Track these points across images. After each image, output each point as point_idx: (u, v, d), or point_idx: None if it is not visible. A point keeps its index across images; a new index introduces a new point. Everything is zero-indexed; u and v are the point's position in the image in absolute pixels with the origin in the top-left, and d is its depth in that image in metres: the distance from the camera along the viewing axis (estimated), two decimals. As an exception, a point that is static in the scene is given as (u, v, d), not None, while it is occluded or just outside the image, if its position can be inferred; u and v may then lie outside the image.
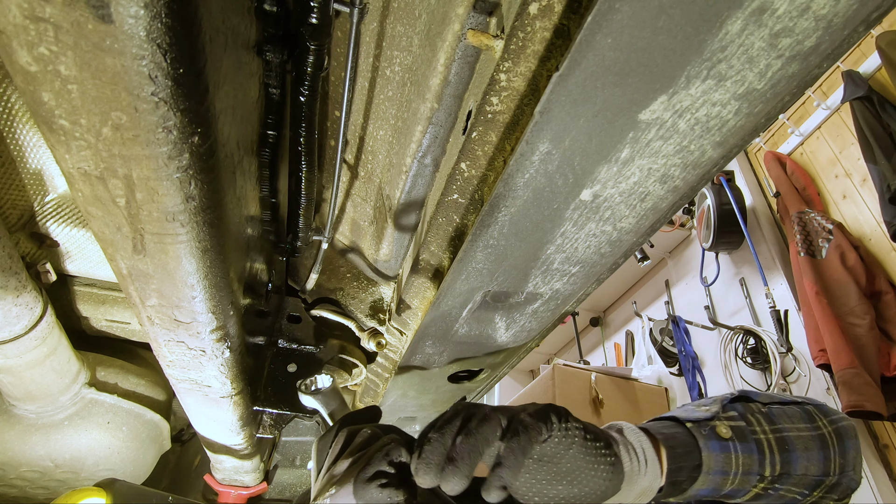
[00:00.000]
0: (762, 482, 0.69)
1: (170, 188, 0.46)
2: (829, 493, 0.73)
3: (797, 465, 0.70)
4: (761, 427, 0.71)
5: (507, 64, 0.48)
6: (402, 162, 0.67)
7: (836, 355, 2.34)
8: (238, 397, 0.91)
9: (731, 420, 0.71)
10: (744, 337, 2.97)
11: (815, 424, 0.74)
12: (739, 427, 0.70)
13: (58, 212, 0.92)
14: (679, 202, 0.54)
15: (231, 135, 0.54)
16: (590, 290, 0.71)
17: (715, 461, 0.67)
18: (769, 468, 0.69)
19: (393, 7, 0.58)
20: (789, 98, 0.42)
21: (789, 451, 0.70)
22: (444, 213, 0.67)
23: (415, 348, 0.84)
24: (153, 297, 0.63)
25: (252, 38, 0.55)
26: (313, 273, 0.92)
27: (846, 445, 0.74)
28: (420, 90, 0.59)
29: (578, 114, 0.42)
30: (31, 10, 0.33)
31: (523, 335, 0.80)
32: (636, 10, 0.35)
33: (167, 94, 0.39)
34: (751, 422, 0.71)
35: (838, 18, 0.35)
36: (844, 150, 2.86)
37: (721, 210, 3.14)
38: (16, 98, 0.77)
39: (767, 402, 0.76)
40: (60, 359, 1.00)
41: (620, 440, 0.65)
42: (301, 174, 0.70)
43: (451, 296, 0.68)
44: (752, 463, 0.68)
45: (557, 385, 2.75)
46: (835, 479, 0.72)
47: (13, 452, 1.11)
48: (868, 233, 2.68)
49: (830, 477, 0.72)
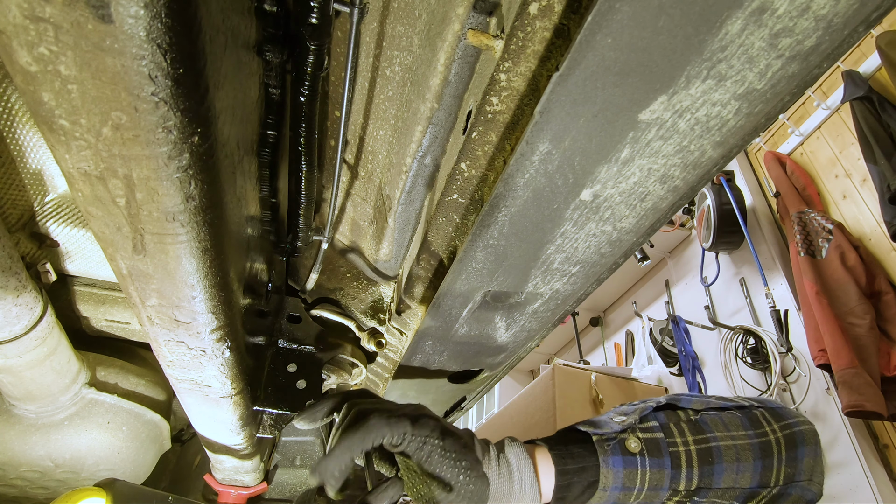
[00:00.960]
0: (676, 496, 0.67)
1: (170, 188, 0.46)
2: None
3: (721, 478, 0.66)
4: (683, 438, 0.68)
5: (507, 64, 0.48)
6: (402, 162, 0.68)
7: (836, 355, 2.34)
8: (238, 397, 0.91)
9: (648, 431, 0.68)
10: (744, 337, 2.97)
11: (760, 430, 0.70)
12: (654, 439, 0.67)
13: (58, 212, 0.92)
14: (679, 202, 0.54)
15: (231, 135, 0.54)
16: (590, 290, 0.71)
17: (615, 477, 0.64)
18: (684, 482, 0.66)
19: (393, 7, 0.58)
20: (789, 98, 0.42)
21: (713, 462, 0.66)
22: (444, 213, 0.67)
23: (415, 348, 0.84)
24: (153, 297, 0.63)
25: (252, 38, 0.55)
26: (313, 273, 0.92)
27: (798, 453, 0.68)
28: (420, 90, 0.59)
29: (578, 114, 0.43)
30: (31, 10, 0.33)
31: (523, 335, 0.80)
32: (636, 10, 0.35)
33: (167, 94, 0.39)
34: (671, 433, 0.68)
35: (838, 18, 0.35)
36: (844, 150, 2.86)
37: (721, 210, 3.15)
38: (16, 98, 0.77)
39: (702, 409, 0.72)
40: (60, 359, 1.00)
41: (494, 458, 0.65)
42: (301, 174, 0.70)
43: (451, 296, 0.68)
44: (661, 478, 0.65)
45: (557, 385, 2.75)
46: (777, 489, 0.68)
47: (13, 452, 1.11)
48: (868, 233, 2.68)
49: (770, 488, 0.67)
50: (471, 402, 1.24)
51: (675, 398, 0.74)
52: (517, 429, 2.98)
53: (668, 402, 0.73)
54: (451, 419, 1.35)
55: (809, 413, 2.65)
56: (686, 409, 0.73)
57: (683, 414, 0.71)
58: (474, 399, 1.23)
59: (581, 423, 0.73)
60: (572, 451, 0.67)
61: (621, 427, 0.68)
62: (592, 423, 0.71)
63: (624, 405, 0.76)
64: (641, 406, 0.72)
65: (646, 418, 0.70)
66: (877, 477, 2.31)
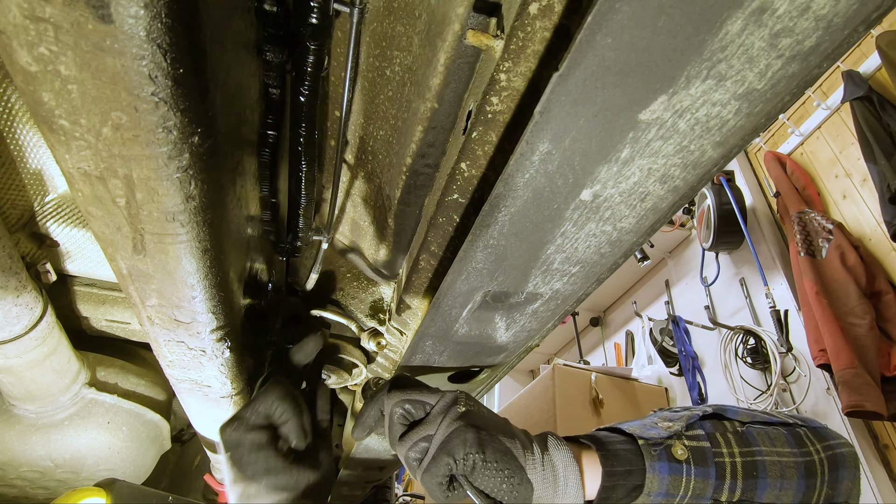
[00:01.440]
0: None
1: (170, 188, 0.46)
2: None
3: (764, 493, 0.66)
4: (730, 449, 0.67)
5: (507, 64, 0.48)
6: (402, 162, 0.68)
7: (836, 355, 2.34)
8: (238, 397, 0.91)
9: (694, 440, 0.67)
10: (744, 337, 2.97)
11: (805, 450, 0.69)
12: (701, 448, 0.66)
13: (58, 212, 0.92)
14: (679, 202, 0.54)
15: (231, 135, 0.54)
16: (590, 290, 0.71)
17: (660, 483, 0.64)
18: (727, 493, 0.65)
19: (393, 7, 0.58)
20: (789, 98, 0.42)
21: (757, 477, 0.66)
22: (444, 213, 0.67)
23: (415, 348, 0.84)
24: (153, 297, 0.63)
25: (252, 38, 0.55)
26: (313, 273, 0.92)
27: (839, 475, 0.68)
28: (420, 90, 0.59)
29: (578, 114, 0.43)
30: (31, 10, 0.33)
31: (523, 335, 0.80)
32: (636, 10, 0.35)
33: (167, 94, 0.39)
34: (718, 443, 0.67)
35: (838, 18, 0.35)
36: (844, 150, 2.87)
37: (721, 210, 3.15)
38: (16, 98, 0.77)
39: (748, 421, 0.71)
40: (60, 359, 1.00)
41: (538, 460, 0.65)
42: (301, 174, 0.70)
43: (451, 296, 0.68)
44: (705, 487, 0.65)
45: (557, 385, 2.75)
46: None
47: (13, 452, 1.11)
48: (868, 233, 2.68)
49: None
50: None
51: (722, 408, 0.73)
52: (517, 429, 2.97)
53: (714, 412, 0.72)
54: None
55: (809, 413, 2.65)
56: (732, 419, 0.71)
57: (730, 425, 0.70)
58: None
59: (622, 423, 0.73)
60: (619, 453, 0.66)
61: (668, 433, 0.67)
62: (638, 424, 0.71)
63: (666, 410, 0.75)
64: (687, 413, 0.71)
65: (692, 426, 0.69)
66: (877, 477, 2.31)
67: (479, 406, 0.71)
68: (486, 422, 0.68)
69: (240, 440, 0.70)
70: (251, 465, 0.70)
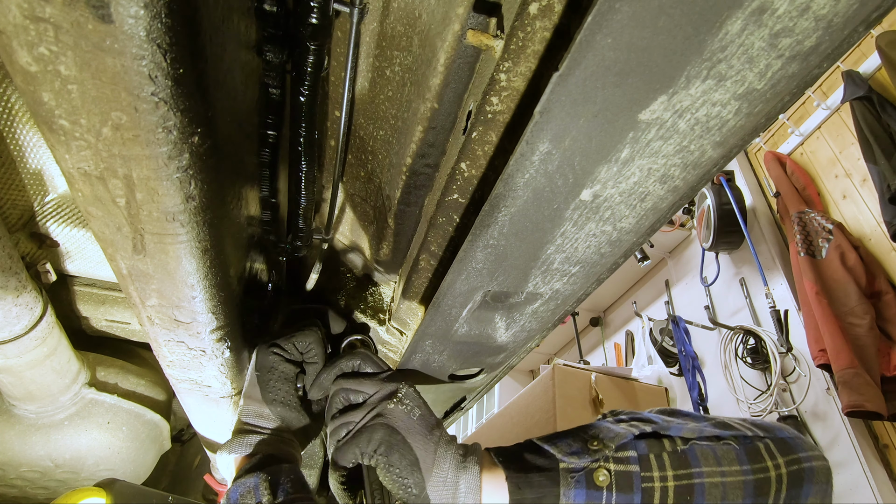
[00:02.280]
0: None
1: (170, 188, 0.46)
2: None
3: None
4: (662, 472, 0.63)
5: (507, 64, 0.48)
6: (402, 162, 0.68)
7: (836, 355, 2.34)
8: (238, 397, 0.91)
9: (622, 463, 0.63)
10: (744, 337, 2.97)
11: (760, 466, 0.63)
12: (627, 473, 0.62)
13: (58, 212, 0.92)
14: (679, 202, 0.54)
15: (231, 135, 0.54)
16: (590, 290, 0.71)
17: None
18: None
19: (393, 7, 0.58)
20: (789, 98, 0.42)
21: (692, 500, 0.61)
22: (444, 213, 0.67)
23: (414, 348, 0.84)
24: (153, 297, 0.63)
25: (252, 38, 0.55)
26: (313, 273, 0.92)
27: (804, 491, 0.63)
28: (420, 90, 0.59)
29: (578, 114, 0.42)
30: (31, 10, 0.33)
31: (523, 335, 0.80)
32: (636, 10, 0.35)
33: (167, 94, 0.39)
34: (649, 466, 0.63)
35: (838, 18, 0.35)
36: (844, 150, 2.86)
37: (721, 210, 3.15)
38: (16, 98, 0.77)
39: (693, 438, 0.65)
40: (60, 359, 1.00)
41: (441, 480, 0.64)
42: (301, 174, 0.70)
43: (451, 295, 0.68)
44: None
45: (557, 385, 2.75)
46: None
47: (13, 452, 1.11)
48: (868, 233, 2.68)
49: None
50: (471, 402, 1.24)
51: (665, 426, 0.67)
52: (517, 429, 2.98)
53: (653, 431, 0.66)
54: (452, 419, 1.35)
55: (809, 413, 2.65)
56: (674, 437, 0.65)
57: (670, 444, 0.65)
58: (474, 399, 1.23)
59: (555, 438, 0.68)
60: (532, 479, 0.63)
61: (591, 458, 0.63)
62: (568, 441, 0.67)
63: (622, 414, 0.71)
64: (622, 432, 0.65)
65: (624, 447, 0.64)
66: (877, 477, 2.31)
67: (415, 405, 0.71)
68: (409, 424, 0.68)
69: (273, 365, 0.80)
70: (272, 391, 0.80)
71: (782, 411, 2.69)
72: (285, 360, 0.81)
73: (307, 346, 0.83)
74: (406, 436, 0.67)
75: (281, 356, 0.81)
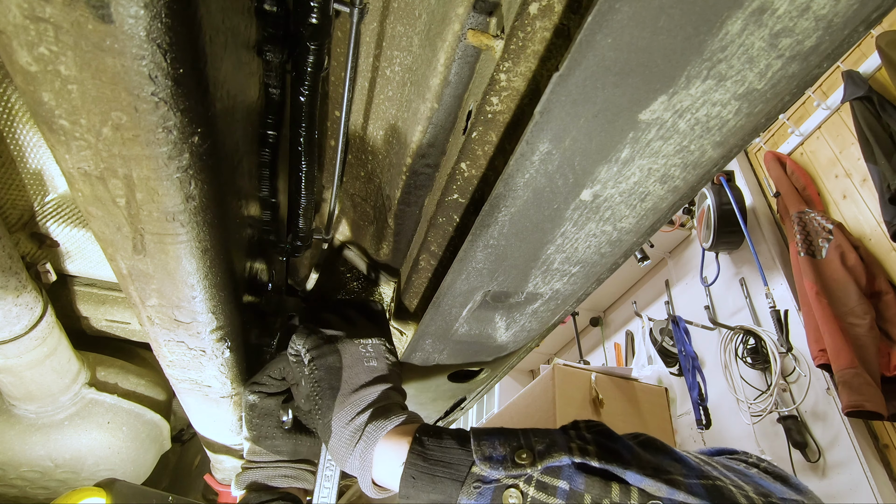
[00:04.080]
0: None
1: (170, 188, 0.46)
2: None
3: None
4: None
5: (507, 64, 0.48)
6: (402, 162, 0.67)
7: (836, 355, 2.34)
8: (238, 397, 0.91)
9: (544, 491, 0.51)
10: (744, 337, 2.97)
11: None
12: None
13: (58, 212, 0.92)
14: (679, 202, 0.54)
15: (231, 135, 0.54)
16: (590, 290, 0.71)
17: None
18: None
19: (393, 7, 0.58)
20: (789, 98, 0.42)
21: None
22: (444, 213, 0.67)
23: (414, 347, 0.84)
24: (153, 297, 0.63)
25: (252, 38, 0.55)
26: (313, 273, 0.92)
27: None
28: (420, 90, 0.59)
29: (578, 114, 0.42)
30: (31, 10, 0.33)
31: (523, 335, 0.80)
32: (636, 10, 0.35)
33: (167, 94, 0.39)
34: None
35: (838, 18, 0.35)
36: (844, 150, 2.86)
37: (721, 210, 3.15)
38: (16, 98, 0.77)
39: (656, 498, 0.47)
40: (60, 359, 1.00)
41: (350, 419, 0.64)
42: (301, 174, 0.70)
43: (451, 295, 0.68)
44: None
45: (557, 385, 2.75)
46: None
47: (13, 452, 1.11)
48: (868, 233, 2.68)
49: None
50: (471, 401, 1.24)
51: (622, 468, 0.50)
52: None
53: (602, 468, 0.51)
54: (452, 419, 1.35)
55: (809, 413, 2.65)
56: (630, 487, 0.49)
57: (619, 493, 0.49)
58: (474, 399, 1.23)
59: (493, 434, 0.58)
60: (435, 472, 0.55)
61: (508, 473, 0.52)
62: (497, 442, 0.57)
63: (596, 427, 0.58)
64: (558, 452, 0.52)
65: (555, 472, 0.51)
66: (877, 477, 2.31)
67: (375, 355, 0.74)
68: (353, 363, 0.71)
69: (253, 403, 0.83)
70: (256, 428, 0.83)
71: (782, 411, 2.69)
72: (266, 395, 0.83)
73: (280, 371, 0.84)
74: (344, 367, 0.69)
75: (261, 392, 0.83)
